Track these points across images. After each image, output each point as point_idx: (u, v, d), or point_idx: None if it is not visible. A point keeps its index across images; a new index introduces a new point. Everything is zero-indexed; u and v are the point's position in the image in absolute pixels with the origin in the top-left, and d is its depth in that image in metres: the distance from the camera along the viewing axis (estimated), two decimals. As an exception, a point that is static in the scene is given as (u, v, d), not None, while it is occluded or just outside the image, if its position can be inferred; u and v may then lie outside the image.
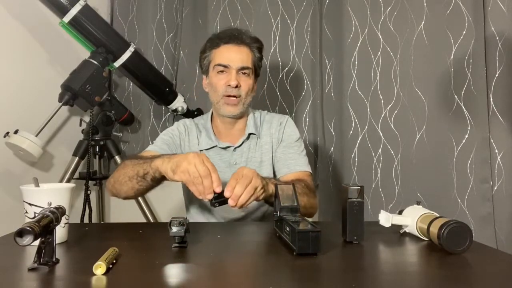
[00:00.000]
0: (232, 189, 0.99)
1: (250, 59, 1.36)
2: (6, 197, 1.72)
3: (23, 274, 0.75)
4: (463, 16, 1.64)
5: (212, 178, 1.00)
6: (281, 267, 0.80)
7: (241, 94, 1.34)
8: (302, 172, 1.36)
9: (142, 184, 1.17)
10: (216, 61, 1.36)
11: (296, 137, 1.43)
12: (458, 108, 1.66)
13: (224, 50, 1.35)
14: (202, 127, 1.44)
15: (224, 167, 1.38)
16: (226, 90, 1.33)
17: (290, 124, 1.45)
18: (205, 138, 1.40)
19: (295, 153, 1.39)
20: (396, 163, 1.79)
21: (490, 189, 1.60)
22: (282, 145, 1.41)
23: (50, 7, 1.70)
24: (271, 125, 1.43)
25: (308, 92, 1.97)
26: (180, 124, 1.45)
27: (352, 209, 0.93)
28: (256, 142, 1.41)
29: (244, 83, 1.34)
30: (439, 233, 0.85)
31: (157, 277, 0.73)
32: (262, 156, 1.40)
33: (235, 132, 1.42)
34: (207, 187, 0.99)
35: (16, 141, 1.65)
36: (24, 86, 1.83)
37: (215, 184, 1.00)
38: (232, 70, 1.33)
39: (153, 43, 2.11)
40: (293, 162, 1.37)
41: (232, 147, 1.40)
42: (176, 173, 1.03)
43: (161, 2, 2.11)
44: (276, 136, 1.42)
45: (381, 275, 0.77)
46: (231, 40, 1.35)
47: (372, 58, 1.82)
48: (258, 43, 1.40)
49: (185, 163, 1.01)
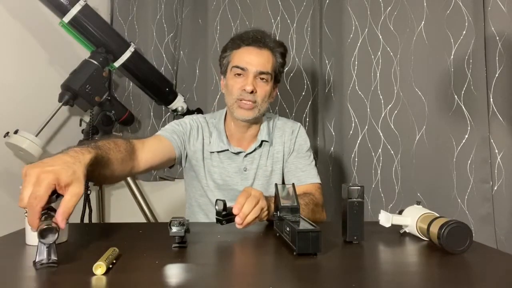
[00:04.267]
0: (241, 207, 0.96)
1: (270, 63, 1.31)
2: (6, 197, 1.72)
3: (23, 274, 0.75)
4: (463, 16, 1.64)
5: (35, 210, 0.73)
6: (281, 267, 0.80)
7: (257, 100, 1.29)
8: (312, 184, 1.35)
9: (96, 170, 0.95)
10: (235, 62, 1.31)
11: (307, 146, 1.41)
12: (458, 108, 1.66)
13: (244, 52, 1.30)
14: (214, 127, 1.39)
15: (234, 172, 1.37)
16: (241, 94, 1.28)
17: (302, 133, 1.43)
18: (217, 140, 1.36)
19: (306, 164, 1.38)
20: (396, 163, 1.79)
21: (490, 189, 1.60)
22: (293, 155, 1.39)
23: (50, 7, 1.70)
24: (284, 132, 1.41)
25: (308, 92, 1.97)
26: (194, 120, 1.40)
27: (352, 209, 0.93)
28: (268, 149, 1.39)
29: (260, 89, 1.29)
30: (439, 233, 0.85)
31: (157, 277, 0.73)
32: (273, 165, 1.39)
33: (247, 137, 1.39)
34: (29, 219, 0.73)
35: (16, 141, 1.64)
36: (24, 86, 1.83)
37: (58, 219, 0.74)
38: (250, 74, 1.28)
39: (153, 43, 2.11)
40: (304, 174, 1.36)
41: (244, 153, 1.37)
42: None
43: (161, 2, 2.11)
44: (288, 145, 1.40)
45: (381, 275, 0.77)
46: (253, 43, 1.30)
47: (372, 58, 1.82)
48: (282, 48, 1.35)
49: (26, 177, 0.75)
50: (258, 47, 1.30)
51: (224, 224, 0.99)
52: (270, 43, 1.32)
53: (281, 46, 1.36)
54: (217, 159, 1.37)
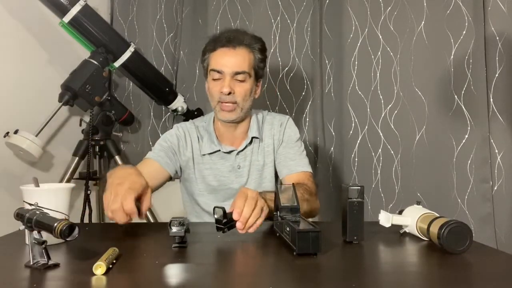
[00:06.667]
0: (241, 212, 0.94)
1: (247, 61, 1.30)
2: (6, 197, 1.72)
3: (23, 274, 0.75)
4: (463, 16, 1.64)
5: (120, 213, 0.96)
6: (281, 267, 0.80)
7: (237, 100, 1.29)
8: (302, 172, 1.35)
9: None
10: (212, 65, 1.31)
11: (296, 137, 1.42)
12: (458, 108, 1.66)
13: (219, 54, 1.30)
14: (204, 130, 1.41)
15: (228, 172, 1.37)
16: (220, 97, 1.29)
17: (291, 124, 1.43)
18: (208, 142, 1.38)
19: (296, 154, 1.39)
20: (396, 163, 1.79)
21: (490, 189, 1.60)
22: (282, 145, 1.40)
23: (50, 7, 1.70)
24: (272, 126, 1.42)
25: (308, 92, 1.97)
26: (180, 128, 1.41)
27: (352, 209, 0.93)
28: (258, 145, 1.40)
29: (239, 89, 1.29)
30: (439, 233, 0.85)
31: (157, 277, 0.73)
32: (264, 158, 1.39)
33: (238, 135, 1.40)
34: (118, 221, 0.97)
35: (16, 141, 1.64)
36: (24, 86, 1.83)
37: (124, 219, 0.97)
38: (226, 75, 1.28)
39: (153, 43, 2.11)
40: (294, 163, 1.37)
41: (236, 151, 1.38)
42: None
43: (161, 2, 2.11)
44: (277, 137, 1.41)
45: (381, 275, 0.77)
46: (227, 43, 1.29)
47: (372, 58, 1.82)
48: (260, 44, 1.35)
49: (106, 193, 1.00)
50: (232, 47, 1.30)
51: (226, 231, 0.96)
52: (246, 40, 1.31)
53: (259, 41, 1.35)
54: (209, 161, 1.38)
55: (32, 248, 0.77)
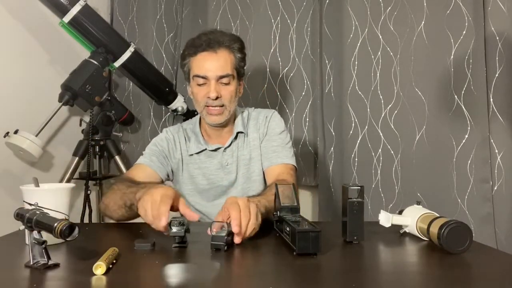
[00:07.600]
0: (240, 224, 0.90)
1: (229, 63, 1.30)
2: (6, 197, 1.72)
3: (23, 274, 0.75)
4: (463, 16, 1.64)
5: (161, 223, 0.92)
6: (281, 267, 0.80)
7: (224, 103, 1.30)
8: (283, 165, 1.34)
9: (131, 214, 1.15)
10: (195, 71, 1.30)
11: (280, 129, 1.41)
12: (458, 108, 1.66)
13: (201, 59, 1.29)
14: (191, 132, 1.42)
15: (216, 169, 1.38)
16: (207, 102, 1.30)
17: (275, 117, 1.43)
18: (195, 142, 1.39)
19: (278, 146, 1.37)
20: (396, 163, 1.79)
21: (490, 189, 1.60)
22: (265, 138, 1.40)
23: (50, 7, 1.70)
24: (257, 120, 1.42)
25: (308, 92, 1.97)
26: (168, 132, 1.43)
27: (352, 209, 0.93)
28: (244, 140, 1.40)
29: (225, 92, 1.30)
30: (439, 233, 0.85)
31: (157, 277, 0.73)
32: (251, 153, 1.39)
33: (225, 134, 1.41)
34: (158, 229, 0.95)
35: (16, 141, 1.65)
36: (24, 86, 1.83)
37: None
38: (211, 80, 1.28)
39: (153, 43, 2.11)
40: (275, 155, 1.36)
41: (222, 148, 1.39)
42: (138, 208, 1.01)
43: (161, 2, 2.11)
44: (262, 130, 1.41)
45: (381, 275, 0.77)
46: (207, 47, 1.29)
47: (372, 58, 1.82)
48: (238, 43, 1.34)
49: (142, 201, 0.98)
50: (213, 50, 1.29)
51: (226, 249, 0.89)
52: (225, 41, 1.31)
53: (237, 41, 1.35)
54: (197, 161, 1.39)
55: (32, 248, 0.77)
